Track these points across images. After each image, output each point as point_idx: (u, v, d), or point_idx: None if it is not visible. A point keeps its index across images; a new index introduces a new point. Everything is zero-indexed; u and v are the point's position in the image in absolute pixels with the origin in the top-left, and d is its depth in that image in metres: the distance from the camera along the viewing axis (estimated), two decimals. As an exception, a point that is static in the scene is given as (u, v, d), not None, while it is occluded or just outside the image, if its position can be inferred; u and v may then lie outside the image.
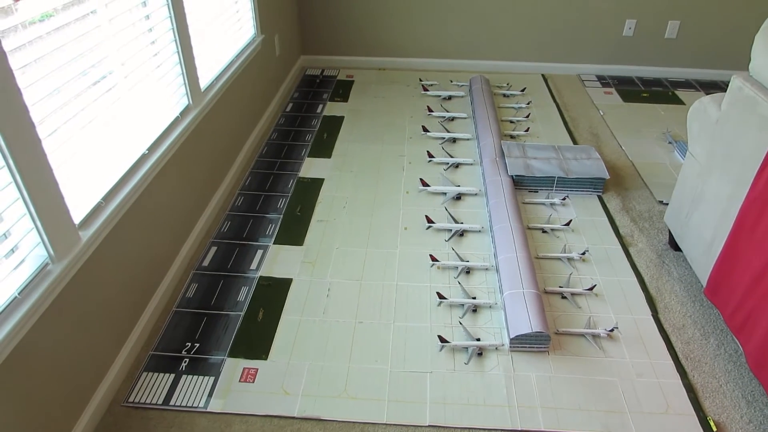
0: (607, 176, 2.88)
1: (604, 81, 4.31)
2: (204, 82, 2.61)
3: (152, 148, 2.12)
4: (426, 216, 2.70)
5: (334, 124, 3.57)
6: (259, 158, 3.19)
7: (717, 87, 4.24)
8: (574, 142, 3.45)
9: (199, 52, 2.53)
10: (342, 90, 4.07)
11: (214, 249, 2.51)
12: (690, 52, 4.27)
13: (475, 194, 2.90)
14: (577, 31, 4.24)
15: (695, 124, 2.32)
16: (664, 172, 3.16)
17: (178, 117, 2.35)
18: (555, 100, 3.97)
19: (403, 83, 4.19)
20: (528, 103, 3.87)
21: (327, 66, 4.49)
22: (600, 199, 2.91)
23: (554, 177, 2.90)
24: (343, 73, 4.36)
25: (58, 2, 1.60)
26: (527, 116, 3.69)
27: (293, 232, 2.62)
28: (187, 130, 2.36)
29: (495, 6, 4.16)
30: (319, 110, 3.75)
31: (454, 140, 3.40)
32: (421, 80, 4.20)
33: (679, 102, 3.99)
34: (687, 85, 4.27)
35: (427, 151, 3.21)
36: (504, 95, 4.01)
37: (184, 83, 2.40)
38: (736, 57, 4.27)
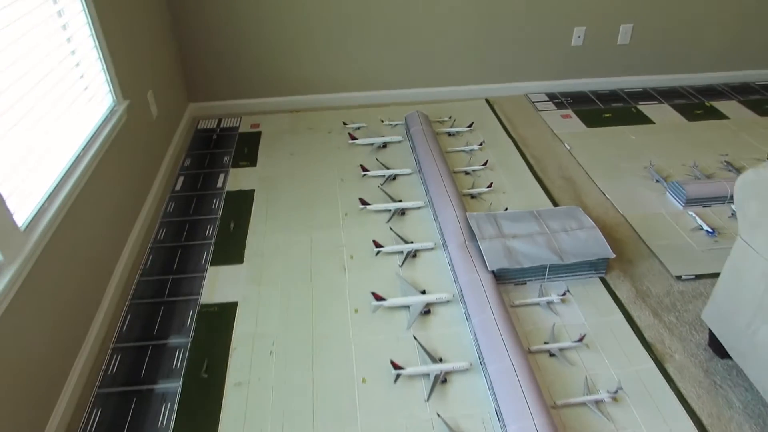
0: (612, 255, 2.22)
1: (556, 100, 3.68)
2: (25, 215, 1.67)
3: None
4: (391, 361, 1.91)
5: (242, 205, 2.69)
6: (141, 278, 2.27)
7: (677, 95, 3.73)
8: (547, 192, 2.78)
9: (5, 178, 1.59)
10: (248, 148, 3.17)
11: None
12: (645, 57, 3.74)
13: (448, 301, 2.15)
14: (520, 46, 3.58)
15: (753, 204, 1.67)
16: (666, 226, 2.56)
17: (-22, 291, 1.42)
18: (509, 134, 3.28)
19: (323, 129, 3.36)
20: (481, 144, 3.16)
21: (224, 114, 3.57)
22: (604, 282, 2.25)
23: (547, 265, 2.20)
24: (246, 121, 3.46)
25: None
26: (484, 164, 2.98)
27: (196, 412, 1.75)
28: (6, 294, 1.44)
29: (422, 25, 3.41)
30: (219, 184, 2.85)
31: (403, 212, 2.63)
32: (345, 123, 3.39)
33: (647, 120, 3.43)
34: (647, 96, 3.73)
35: (374, 241, 2.41)
36: (449, 134, 3.28)
37: (-17, 232, 1.46)
38: (693, 59, 3.78)
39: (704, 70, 3.84)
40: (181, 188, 2.82)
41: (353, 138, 3.19)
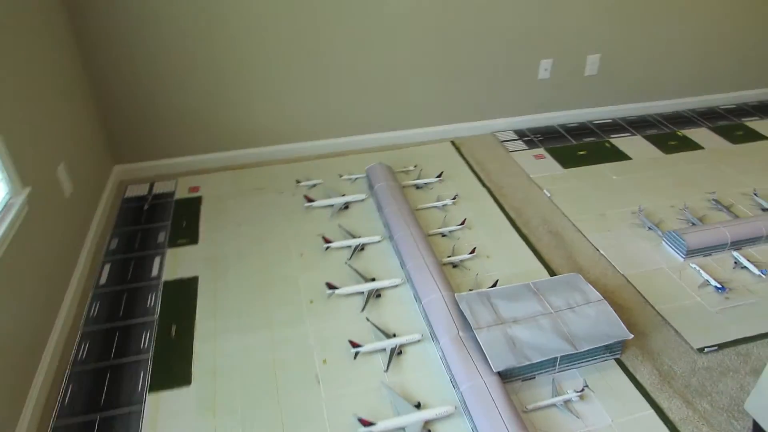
0: (629, 336, 1.92)
1: (526, 138, 3.41)
2: None
3: None
4: None
5: (184, 299, 2.23)
6: (58, 422, 1.77)
7: (648, 124, 3.55)
8: (535, 252, 2.47)
9: None
10: (186, 220, 2.71)
11: None
12: (613, 87, 3.53)
13: (449, 414, 1.78)
14: (484, 81, 3.30)
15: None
16: (671, 285, 2.30)
17: None
18: (483, 183, 2.97)
19: (273, 188, 2.94)
20: (454, 198, 2.83)
21: (158, 175, 3.08)
22: (621, 365, 1.95)
23: (558, 356, 1.87)
24: (184, 184, 2.99)
25: None
26: (462, 223, 2.65)
27: None
28: None
29: (377, 63, 3.07)
30: (155, 272, 2.38)
31: (378, 294, 2.25)
32: (298, 182, 2.98)
33: (623, 156, 3.21)
34: (617, 127, 3.53)
35: (350, 341, 2.01)
36: (416, 186, 2.94)
37: None
38: (659, 87, 3.61)
39: (670, 96, 3.69)
40: (108, 281, 2.33)
41: (309, 200, 2.79)
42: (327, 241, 2.50)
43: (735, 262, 2.40)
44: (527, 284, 2.14)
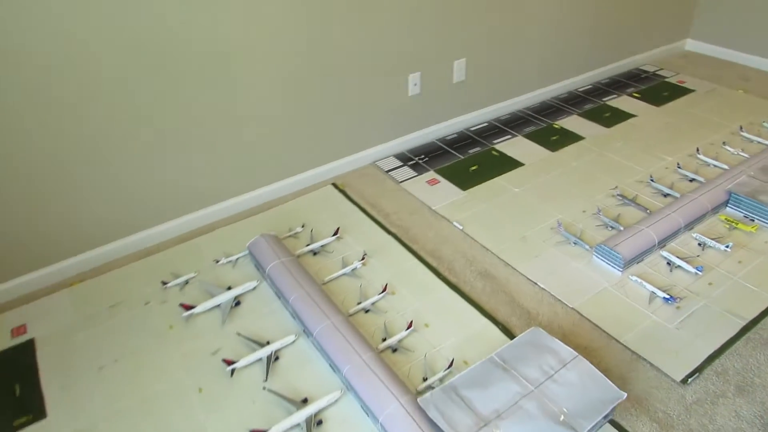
0: (622, 396, 1.68)
1: (410, 162, 3.09)
2: None
3: None
4: None
5: None
6: None
7: (522, 122, 3.44)
8: (475, 305, 2.16)
9: None
10: (20, 384, 1.95)
11: None
12: (482, 89, 3.35)
13: None
14: (354, 110, 2.89)
15: None
16: (622, 307, 2.12)
17: None
18: (386, 229, 2.58)
19: (134, 301, 2.26)
20: (363, 259, 2.40)
21: (-44, 322, 2.22)
22: (617, 427, 1.70)
23: (563, 450, 1.56)
24: (3, 326, 2.18)
25: None
26: (384, 290, 2.23)
27: None
28: None
29: (229, 114, 2.51)
30: (-9, 485, 1.64)
31: (319, 421, 1.76)
32: (164, 283, 2.33)
33: (515, 163, 3.03)
34: (496, 131, 3.35)
35: None
36: (313, 253, 2.46)
37: None
38: (522, 80, 3.51)
39: (534, 88, 3.61)
40: None
41: (188, 307, 2.17)
42: (229, 363, 1.94)
43: (668, 263, 2.30)
44: (490, 358, 1.81)
